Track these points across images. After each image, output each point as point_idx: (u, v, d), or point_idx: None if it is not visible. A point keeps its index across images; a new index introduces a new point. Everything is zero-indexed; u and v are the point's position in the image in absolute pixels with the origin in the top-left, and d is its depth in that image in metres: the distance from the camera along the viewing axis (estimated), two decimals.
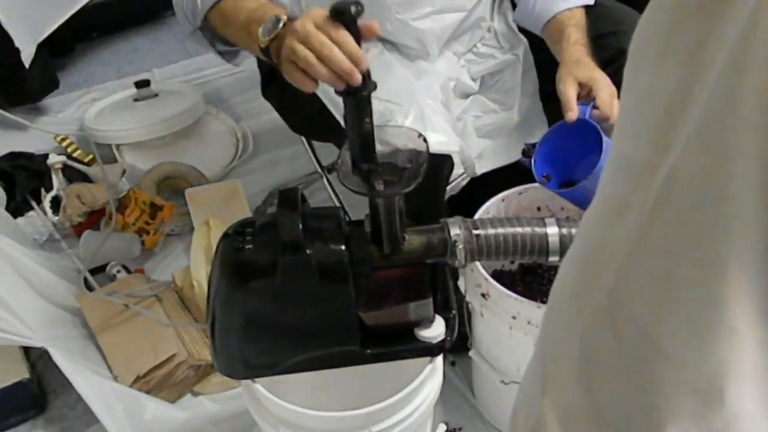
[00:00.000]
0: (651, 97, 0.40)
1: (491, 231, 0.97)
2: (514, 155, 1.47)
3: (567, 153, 1.26)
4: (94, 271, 1.73)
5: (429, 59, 1.39)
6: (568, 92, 1.22)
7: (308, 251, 0.93)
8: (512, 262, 1.48)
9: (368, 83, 0.93)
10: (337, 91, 0.94)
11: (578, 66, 1.26)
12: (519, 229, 0.98)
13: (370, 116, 0.92)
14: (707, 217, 0.37)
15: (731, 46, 0.35)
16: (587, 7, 1.39)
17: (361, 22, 0.93)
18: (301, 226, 0.93)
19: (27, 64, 2.01)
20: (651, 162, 0.39)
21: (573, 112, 1.20)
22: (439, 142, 1.20)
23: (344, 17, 0.93)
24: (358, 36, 0.94)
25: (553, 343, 0.50)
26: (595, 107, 1.21)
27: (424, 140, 0.95)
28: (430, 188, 0.92)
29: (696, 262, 0.38)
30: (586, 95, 1.24)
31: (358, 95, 0.92)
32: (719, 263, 0.37)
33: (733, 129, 0.35)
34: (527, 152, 1.45)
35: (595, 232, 0.45)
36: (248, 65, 1.63)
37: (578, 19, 1.36)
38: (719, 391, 0.39)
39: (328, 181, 1.77)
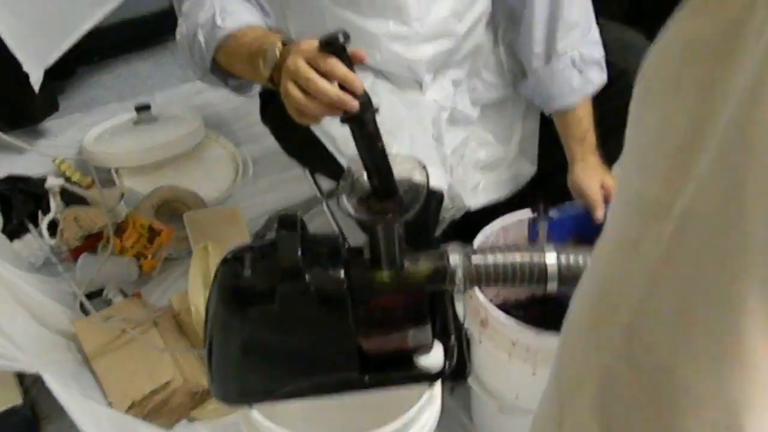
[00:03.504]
0: (662, 134, 0.40)
1: (490, 258, 0.97)
2: (506, 191, 1.48)
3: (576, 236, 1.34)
4: (90, 296, 1.72)
5: (422, 87, 1.39)
6: (596, 192, 1.33)
7: (307, 277, 0.93)
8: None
9: (368, 105, 0.93)
10: (341, 120, 0.94)
11: (600, 170, 1.36)
12: (518, 257, 0.97)
13: (380, 138, 0.92)
14: (724, 253, 0.37)
15: (744, 84, 0.34)
16: None
17: (348, 48, 0.94)
18: (300, 251, 0.93)
19: (36, 89, 2.01)
20: (665, 200, 0.39)
21: (602, 210, 1.31)
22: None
23: (333, 47, 0.94)
24: (349, 63, 0.94)
25: (569, 379, 0.50)
26: None
27: (424, 168, 0.95)
28: (416, 221, 0.93)
29: (713, 297, 0.38)
30: (604, 198, 1.33)
31: (361, 119, 0.92)
32: (737, 298, 0.37)
33: (748, 166, 0.35)
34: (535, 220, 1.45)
35: (609, 267, 0.45)
36: None
37: (589, 111, 1.39)
38: (739, 426, 0.39)
39: (327, 206, 1.77)
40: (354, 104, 0.92)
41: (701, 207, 0.37)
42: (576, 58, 1.37)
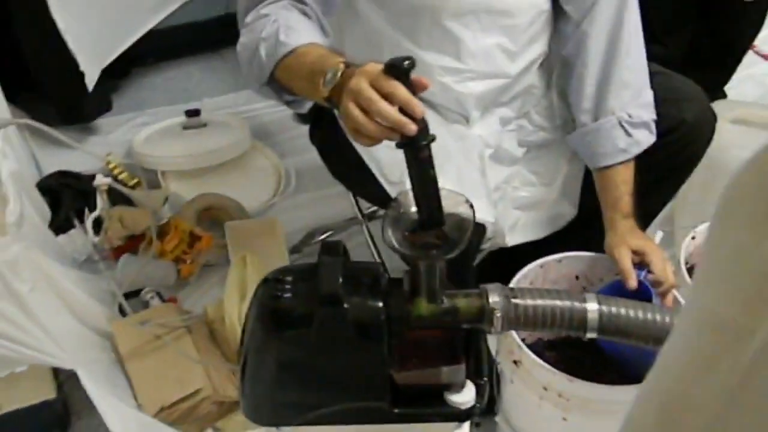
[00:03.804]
0: (745, 257, 0.39)
1: (530, 301, 0.96)
2: (544, 231, 1.48)
3: None
4: (128, 295, 1.75)
5: (469, 123, 1.40)
6: (626, 262, 1.31)
7: (346, 305, 0.94)
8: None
9: (425, 132, 0.93)
10: (397, 145, 0.95)
11: (631, 235, 1.34)
12: (558, 302, 0.97)
13: (433, 166, 0.92)
14: None
15: None
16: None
17: (412, 76, 0.95)
18: (341, 279, 0.94)
19: (90, 88, 2.06)
20: (745, 324, 0.39)
21: (633, 280, 1.30)
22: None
23: (397, 71, 0.94)
24: (412, 89, 0.95)
25: None
26: (649, 272, 1.31)
27: (471, 206, 0.95)
28: (459, 254, 0.93)
29: None
30: (639, 261, 1.33)
31: (416, 145, 0.93)
32: None
33: None
34: None
35: (679, 383, 0.45)
36: None
37: (631, 175, 1.38)
38: None
39: (367, 228, 1.78)
40: (412, 128, 0.92)
41: None
42: (624, 119, 1.36)
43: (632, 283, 1.29)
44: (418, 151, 0.93)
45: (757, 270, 0.39)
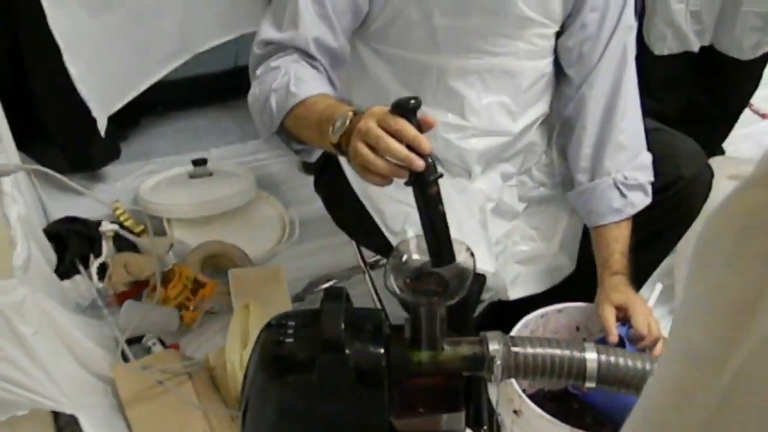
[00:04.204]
0: (721, 293, 0.42)
1: (530, 350, 0.98)
2: (544, 285, 1.50)
3: None
4: (130, 341, 1.76)
5: (471, 177, 1.43)
6: (608, 318, 1.34)
7: (347, 351, 0.95)
8: None
9: (433, 168, 0.95)
10: (406, 183, 0.97)
11: (615, 291, 1.37)
12: (558, 351, 0.98)
13: (441, 202, 0.95)
14: None
15: None
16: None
17: (420, 116, 0.98)
18: (343, 325, 0.95)
19: (102, 133, 2.10)
20: (719, 356, 0.41)
21: (614, 336, 1.32)
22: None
23: (404, 109, 0.97)
24: (419, 127, 0.97)
25: None
26: (631, 327, 1.33)
27: (471, 254, 0.97)
28: (458, 303, 0.95)
29: None
30: (623, 316, 1.35)
31: (424, 181, 0.95)
32: None
33: None
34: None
35: (663, 413, 0.46)
36: None
37: (625, 234, 1.41)
38: None
39: (370, 277, 1.79)
40: (420, 164, 0.95)
41: (755, 370, 0.39)
42: (619, 180, 1.40)
43: (612, 338, 1.31)
44: (426, 186, 0.95)
45: (730, 304, 0.41)
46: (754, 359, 0.39)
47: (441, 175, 0.96)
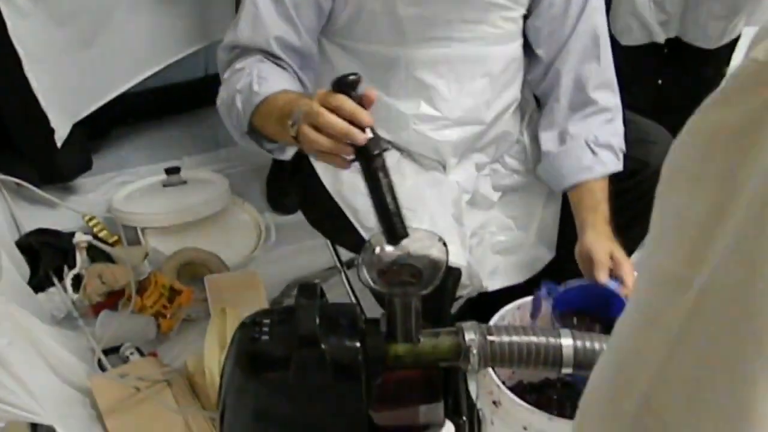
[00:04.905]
0: (685, 215, 0.43)
1: (506, 338, 0.98)
2: (523, 275, 1.49)
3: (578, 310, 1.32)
4: (107, 352, 1.74)
5: (445, 169, 1.43)
6: (603, 257, 1.29)
7: (323, 346, 0.94)
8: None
9: (377, 141, 0.96)
10: (351, 160, 0.98)
11: (611, 241, 1.32)
12: (534, 338, 0.98)
13: (388, 176, 0.95)
14: (738, 332, 0.39)
15: (763, 171, 0.37)
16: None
17: (361, 91, 0.98)
18: (318, 320, 0.95)
19: (59, 144, 2.08)
20: (684, 275, 0.42)
21: (604, 274, 1.27)
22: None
23: (343, 85, 0.99)
24: (360, 103, 0.98)
25: None
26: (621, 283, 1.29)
27: (444, 245, 0.97)
28: (433, 297, 0.95)
29: (726, 374, 0.40)
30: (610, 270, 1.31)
31: (367, 154, 0.96)
32: (749, 378, 0.39)
33: (764, 249, 0.37)
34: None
35: (630, 340, 0.47)
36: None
37: (605, 189, 1.39)
38: None
39: (346, 277, 1.79)
40: (361, 137, 0.96)
41: (718, 285, 0.40)
42: (591, 139, 1.40)
43: (603, 276, 1.27)
44: (371, 160, 0.95)
45: (694, 224, 0.42)
46: (716, 277, 0.40)
47: (386, 149, 0.97)
